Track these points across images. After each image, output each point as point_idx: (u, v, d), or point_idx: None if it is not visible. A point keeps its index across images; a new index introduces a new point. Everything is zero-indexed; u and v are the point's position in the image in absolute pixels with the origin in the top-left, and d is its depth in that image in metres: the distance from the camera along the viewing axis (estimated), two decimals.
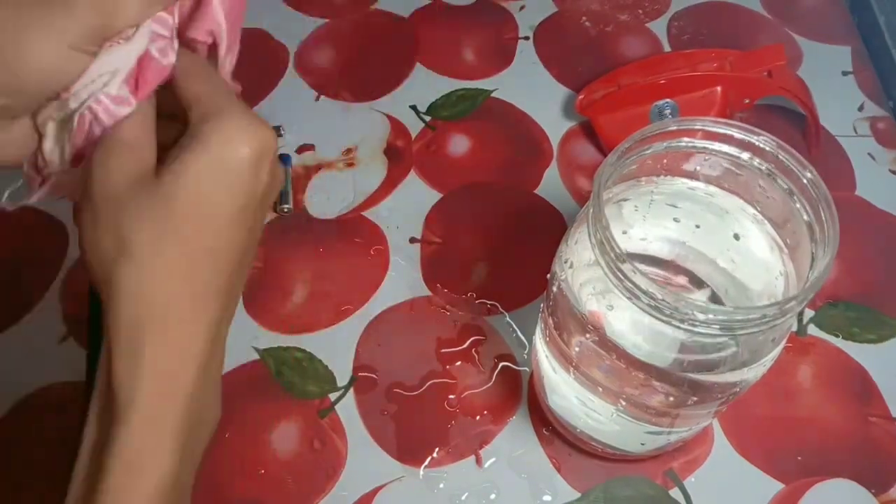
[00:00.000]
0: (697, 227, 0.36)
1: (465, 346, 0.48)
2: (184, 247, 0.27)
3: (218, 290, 0.28)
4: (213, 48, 0.32)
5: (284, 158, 0.54)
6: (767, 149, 0.32)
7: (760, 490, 0.43)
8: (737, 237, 0.35)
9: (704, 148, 0.34)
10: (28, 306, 0.49)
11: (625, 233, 0.36)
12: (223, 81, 0.30)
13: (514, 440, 0.45)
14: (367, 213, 0.53)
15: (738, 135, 0.33)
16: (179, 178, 0.26)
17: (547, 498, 0.43)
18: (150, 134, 0.28)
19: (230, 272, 0.28)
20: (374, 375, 0.47)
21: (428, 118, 0.58)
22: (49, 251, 0.51)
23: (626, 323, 0.33)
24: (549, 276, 0.36)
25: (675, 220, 0.36)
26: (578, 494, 0.43)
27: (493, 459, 0.44)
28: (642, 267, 0.29)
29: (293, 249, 0.51)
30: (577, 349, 0.35)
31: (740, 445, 0.44)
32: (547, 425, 0.45)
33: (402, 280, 0.50)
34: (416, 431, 0.45)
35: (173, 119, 0.30)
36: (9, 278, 0.50)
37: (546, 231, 0.52)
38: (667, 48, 0.62)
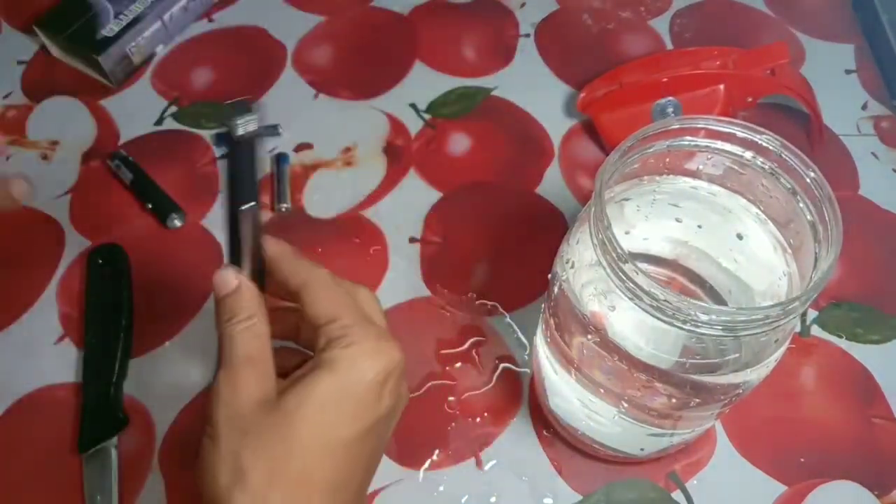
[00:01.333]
0: (700, 226, 0.36)
1: (465, 347, 0.47)
2: (301, 482, 0.27)
3: None
4: None
5: (282, 158, 0.54)
6: (770, 148, 0.32)
7: (763, 492, 0.43)
8: (740, 237, 0.35)
9: (707, 147, 0.33)
10: (25, 307, 0.49)
11: (627, 233, 0.36)
12: (350, 299, 0.31)
13: (515, 442, 0.44)
14: (366, 213, 0.53)
15: (740, 133, 0.32)
16: (302, 404, 0.27)
17: (548, 501, 0.42)
18: (268, 349, 0.30)
19: (347, 499, 0.29)
20: None
21: (428, 116, 0.57)
22: (46, 252, 0.51)
23: (628, 324, 0.32)
24: (550, 276, 0.36)
25: (678, 219, 0.36)
26: (580, 497, 0.43)
27: (493, 462, 0.44)
28: (644, 267, 0.29)
29: None
30: (578, 350, 0.35)
31: (743, 447, 0.44)
32: (548, 427, 0.44)
33: (402, 280, 0.50)
34: (415, 433, 0.44)
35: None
36: (5, 279, 0.50)
37: (547, 231, 0.52)
38: (669, 46, 0.61)
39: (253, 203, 0.31)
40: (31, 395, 0.46)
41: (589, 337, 0.33)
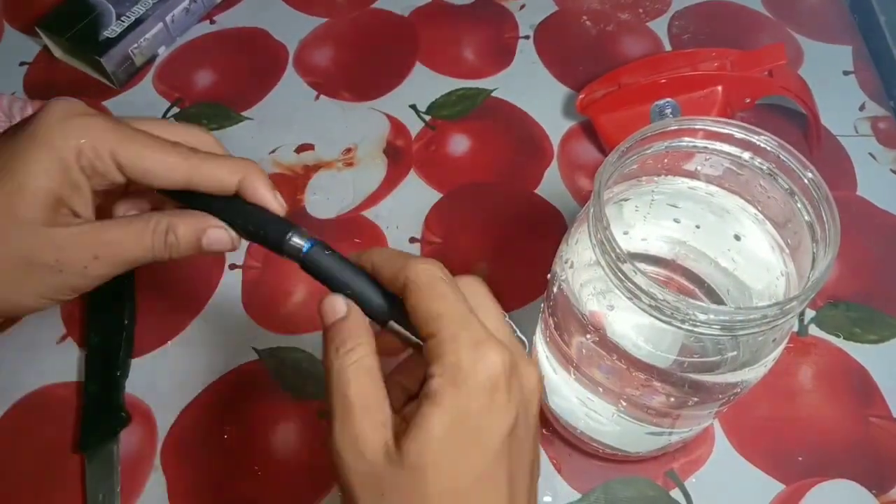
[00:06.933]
0: (698, 227, 0.36)
1: None
2: None
3: None
4: None
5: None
6: (768, 148, 0.32)
7: (761, 491, 0.43)
8: (738, 237, 0.35)
9: (705, 147, 0.33)
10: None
11: (625, 233, 0.36)
12: (452, 298, 0.27)
13: None
14: (366, 213, 0.53)
15: (738, 134, 0.32)
16: (423, 452, 0.25)
17: (547, 499, 0.43)
18: (380, 385, 0.27)
19: None
20: None
21: (428, 118, 0.58)
22: None
23: (626, 323, 0.33)
24: (549, 275, 0.36)
25: (676, 220, 0.36)
26: (579, 495, 0.43)
27: None
28: (643, 267, 0.29)
29: None
30: (577, 350, 0.35)
31: (741, 446, 0.44)
32: (547, 426, 0.45)
33: None
34: None
35: None
36: None
37: (546, 231, 0.52)
38: (667, 47, 0.62)
39: (299, 232, 0.30)
40: (33, 395, 0.46)
41: (588, 336, 0.33)
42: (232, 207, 0.31)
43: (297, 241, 0.29)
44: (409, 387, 0.30)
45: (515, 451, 0.27)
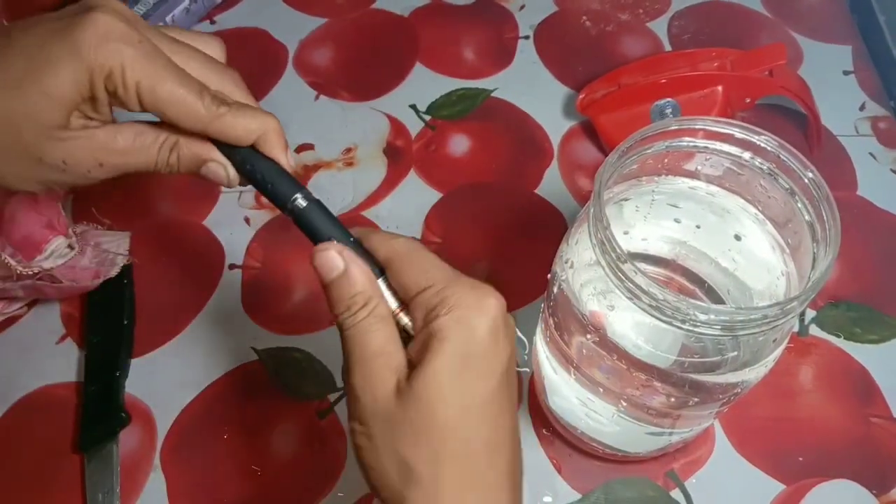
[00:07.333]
0: (698, 226, 0.36)
1: None
2: (462, 455, 0.27)
3: (505, 473, 0.28)
4: None
5: None
6: (769, 148, 0.32)
7: (762, 491, 0.43)
8: (738, 237, 0.35)
9: (705, 147, 0.33)
10: (26, 306, 0.49)
11: (626, 233, 0.36)
12: (436, 259, 0.29)
13: None
14: (366, 213, 0.53)
15: (739, 134, 0.32)
16: (431, 384, 0.27)
17: (547, 499, 0.43)
18: (394, 332, 0.29)
19: (508, 454, 0.29)
20: None
21: (428, 118, 0.58)
22: None
23: (627, 323, 0.33)
24: (549, 276, 0.36)
25: (676, 220, 0.36)
26: (579, 496, 0.43)
27: None
28: (643, 267, 0.29)
29: (292, 249, 0.51)
30: (577, 350, 0.35)
31: (742, 446, 0.44)
32: (547, 426, 0.45)
33: None
34: None
35: None
36: None
37: (547, 231, 0.52)
38: (667, 47, 0.62)
39: (305, 192, 0.31)
40: (32, 395, 0.46)
41: (588, 336, 0.33)
42: (245, 153, 0.32)
43: (300, 202, 0.30)
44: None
45: (510, 383, 0.29)
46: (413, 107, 0.58)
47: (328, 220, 0.30)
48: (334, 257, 0.29)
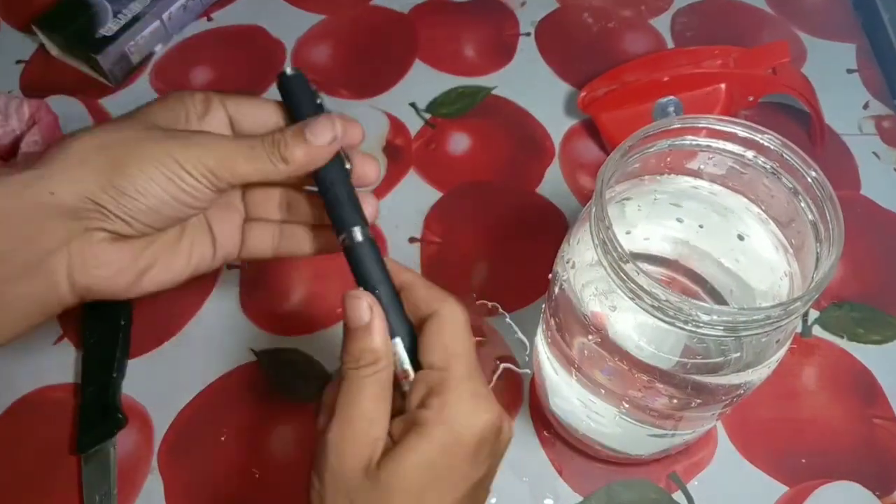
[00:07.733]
0: (701, 226, 0.36)
1: None
2: None
3: None
4: None
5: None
6: (772, 147, 0.32)
7: (765, 493, 0.43)
8: (741, 237, 0.35)
9: (708, 146, 0.33)
10: None
11: (628, 232, 0.36)
12: (464, 348, 0.29)
13: (515, 443, 0.43)
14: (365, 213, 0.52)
15: (742, 133, 0.32)
16: (397, 475, 0.27)
17: (548, 502, 0.42)
18: (388, 403, 0.29)
19: None
20: None
21: (428, 116, 0.57)
22: None
23: (629, 324, 0.32)
24: (550, 276, 0.36)
25: (679, 219, 0.36)
26: (580, 498, 0.42)
27: None
28: (645, 267, 0.29)
29: None
30: (579, 351, 0.35)
31: (744, 448, 0.44)
32: (548, 428, 0.44)
33: None
34: None
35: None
36: None
37: (548, 230, 0.52)
38: (670, 45, 0.61)
39: (363, 227, 0.31)
40: (29, 396, 0.46)
41: (590, 337, 0.33)
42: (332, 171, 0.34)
43: (357, 235, 0.31)
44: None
45: (476, 499, 0.29)
46: (413, 105, 0.58)
47: (376, 263, 0.30)
48: (363, 308, 0.29)
